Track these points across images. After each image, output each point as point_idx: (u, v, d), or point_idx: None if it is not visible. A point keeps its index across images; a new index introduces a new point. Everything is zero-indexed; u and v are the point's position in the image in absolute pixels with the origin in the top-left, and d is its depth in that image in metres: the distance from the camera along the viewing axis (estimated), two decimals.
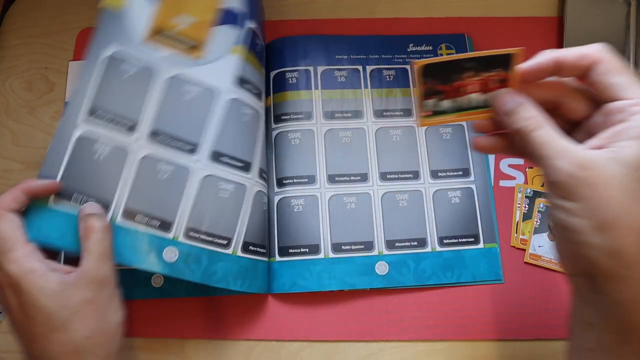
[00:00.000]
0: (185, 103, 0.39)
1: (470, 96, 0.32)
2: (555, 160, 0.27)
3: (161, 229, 0.39)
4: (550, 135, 0.28)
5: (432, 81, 0.31)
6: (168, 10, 0.39)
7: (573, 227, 0.27)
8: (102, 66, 0.39)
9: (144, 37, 0.39)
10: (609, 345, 0.28)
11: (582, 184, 0.26)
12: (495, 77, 0.31)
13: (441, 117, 0.32)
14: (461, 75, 0.31)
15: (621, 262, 0.26)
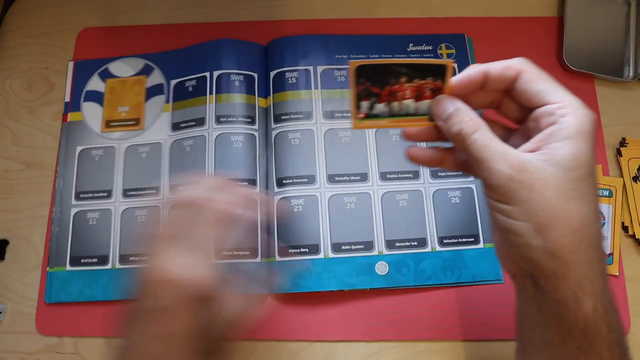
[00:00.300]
0: (142, 160, 0.51)
1: (405, 102, 0.32)
2: (494, 163, 0.28)
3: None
4: (489, 138, 0.29)
5: (367, 83, 0.31)
6: (111, 107, 0.53)
7: (514, 229, 0.28)
8: (76, 160, 0.51)
9: (101, 129, 0.52)
10: (555, 342, 0.29)
11: (521, 186, 0.27)
12: (429, 86, 0.31)
13: (375, 120, 0.33)
14: (396, 80, 0.31)
15: (560, 262, 0.27)
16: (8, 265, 0.49)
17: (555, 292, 0.28)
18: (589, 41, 0.54)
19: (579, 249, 0.27)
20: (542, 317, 0.30)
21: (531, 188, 0.27)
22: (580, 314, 0.28)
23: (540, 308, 0.30)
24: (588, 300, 0.28)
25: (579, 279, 0.28)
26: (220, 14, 0.57)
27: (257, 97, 0.51)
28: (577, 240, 0.27)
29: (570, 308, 0.28)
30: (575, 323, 0.28)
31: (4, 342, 0.46)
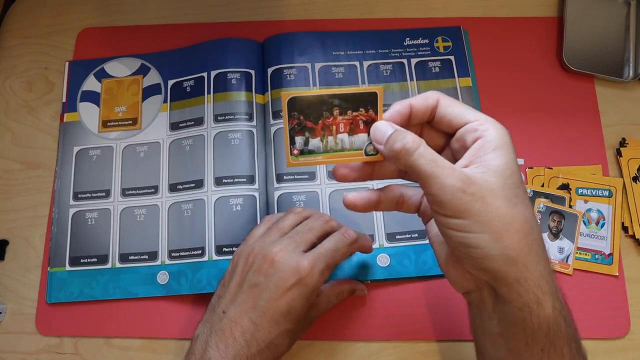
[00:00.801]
0: (140, 160, 0.50)
1: (339, 137, 0.32)
2: (445, 178, 0.28)
3: None
4: (433, 153, 0.29)
5: (300, 117, 0.31)
6: (108, 107, 0.53)
7: (471, 242, 0.28)
8: (74, 161, 0.51)
9: (98, 129, 0.52)
10: (519, 350, 0.30)
11: (473, 198, 0.28)
12: (362, 118, 0.31)
13: (310, 157, 0.32)
14: (329, 113, 0.31)
15: (519, 266, 0.28)
16: (8, 265, 0.49)
17: (518, 298, 0.28)
18: (589, 41, 0.54)
19: (533, 251, 0.28)
20: (504, 328, 0.30)
21: (483, 199, 0.28)
22: (543, 315, 0.29)
23: (501, 319, 0.30)
24: (548, 300, 0.29)
25: (538, 280, 0.28)
26: (220, 15, 0.57)
27: (255, 94, 0.51)
28: (529, 242, 0.28)
29: (533, 311, 0.29)
30: (539, 326, 0.29)
31: (4, 342, 0.46)
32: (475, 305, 0.32)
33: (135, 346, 0.46)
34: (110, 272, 0.47)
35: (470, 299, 0.32)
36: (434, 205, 0.29)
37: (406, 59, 0.53)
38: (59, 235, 0.48)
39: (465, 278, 0.31)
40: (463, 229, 0.28)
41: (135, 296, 0.46)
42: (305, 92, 0.31)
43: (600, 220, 0.47)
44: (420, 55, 0.53)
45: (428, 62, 0.52)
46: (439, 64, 0.52)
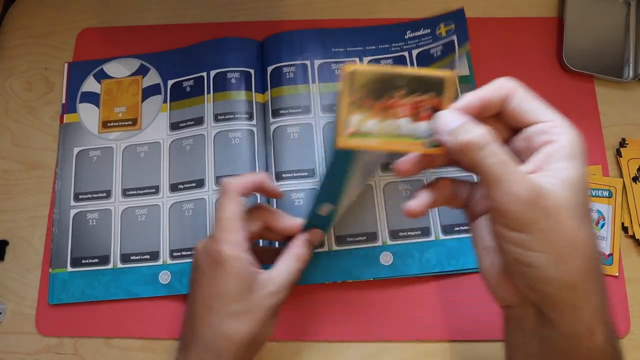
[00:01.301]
0: (141, 160, 0.51)
1: (399, 121, 0.28)
2: (513, 186, 0.24)
3: None
4: (505, 154, 0.25)
5: (360, 93, 0.28)
6: (107, 108, 0.53)
7: (530, 261, 0.25)
8: (74, 162, 0.51)
9: (98, 130, 0.52)
10: None
11: (542, 214, 0.24)
12: (427, 104, 0.28)
13: (365, 139, 0.28)
14: (393, 93, 0.28)
15: (578, 294, 0.25)
16: (8, 265, 0.49)
17: (569, 325, 0.26)
18: (588, 42, 0.54)
19: (593, 278, 0.26)
20: (547, 351, 0.28)
21: (551, 216, 0.24)
22: (594, 347, 0.26)
23: (544, 342, 0.27)
24: (601, 331, 0.26)
25: (594, 310, 0.26)
26: (220, 15, 0.57)
27: (254, 93, 0.51)
28: (591, 269, 0.25)
29: (584, 342, 0.26)
30: (587, 356, 0.26)
31: (4, 342, 0.46)
32: (515, 321, 0.29)
33: (135, 346, 0.46)
34: (111, 272, 0.47)
35: (509, 314, 0.29)
36: (495, 213, 0.26)
37: (407, 52, 0.53)
38: (60, 236, 0.48)
39: (510, 292, 0.28)
40: (524, 245, 0.25)
41: (137, 296, 0.46)
42: (370, 66, 0.28)
43: (600, 220, 0.47)
44: (421, 45, 0.52)
45: (429, 50, 0.52)
46: (441, 47, 0.52)
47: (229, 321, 0.33)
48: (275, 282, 0.35)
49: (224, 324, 0.33)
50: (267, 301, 0.34)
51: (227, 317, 0.33)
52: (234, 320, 0.33)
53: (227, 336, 0.33)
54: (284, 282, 0.35)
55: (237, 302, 0.33)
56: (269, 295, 0.34)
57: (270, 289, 0.34)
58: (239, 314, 0.33)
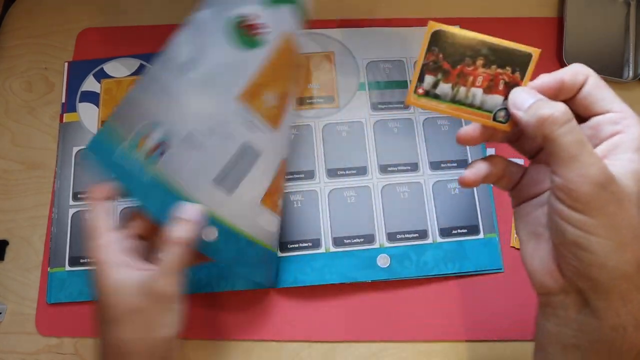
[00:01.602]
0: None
1: (473, 90, 0.28)
2: (587, 166, 0.24)
3: None
4: (583, 135, 0.25)
5: (439, 55, 0.28)
6: (107, 107, 0.52)
7: (588, 246, 0.25)
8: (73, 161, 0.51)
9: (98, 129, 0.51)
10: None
11: (611, 198, 0.24)
12: (504, 78, 0.28)
13: (434, 101, 0.29)
14: (472, 61, 0.28)
15: (631, 285, 0.25)
16: (8, 265, 0.49)
17: (615, 317, 0.25)
18: (588, 42, 0.54)
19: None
20: (585, 342, 0.27)
21: (619, 202, 0.24)
22: (638, 340, 0.26)
23: (584, 332, 0.27)
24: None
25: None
26: None
27: None
28: (638, 264, 0.25)
29: (628, 335, 0.26)
30: (629, 350, 0.26)
31: (4, 342, 0.46)
32: (552, 309, 0.28)
33: None
34: None
35: (547, 301, 0.29)
36: (561, 193, 0.25)
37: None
38: (58, 235, 0.48)
39: (553, 278, 0.27)
40: (586, 228, 0.24)
41: None
42: (456, 29, 0.27)
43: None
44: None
45: None
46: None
47: (109, 328, 0.33)
48: (146, 279, 0.33)
49: (107, 333, 0.33)
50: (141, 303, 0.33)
51: (108, 323, 0.33)
52: (113, 326, 0.33)
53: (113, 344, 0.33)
54: (159, 279, 0.33)
55: (111, 307, 0.33)
56: (141, 296, 0.33)
57: (141, 289, 0.33)
58: (115, 320, 0.33)
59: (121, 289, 0.33)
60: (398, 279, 0.45)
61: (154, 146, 0.34)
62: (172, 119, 0.34)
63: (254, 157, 0.37)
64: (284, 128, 0.39)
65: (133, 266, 0.34)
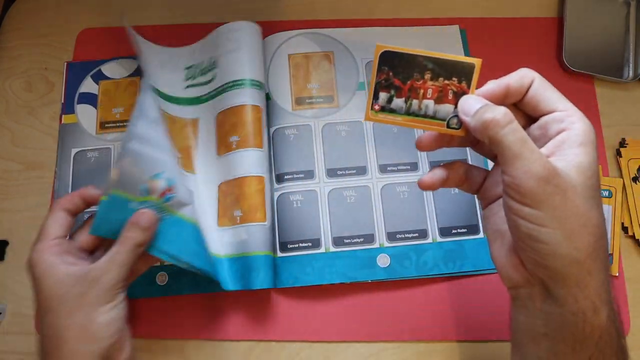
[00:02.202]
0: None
1: (425, 102, 0.31)
2: (530, 163, 0.26)
3: None
4: (525, 134, 0.27)
5: (389, 72, 0.30)
6: (105, 108, 0.53)
7: (541, 237, 0.27)
8: (71, 163, 0.51)
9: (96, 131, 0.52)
10: (564, 354, 0.29)
11: (555, 191, 0.26)
12: (453, 88, 0.30)
13: (390, 115, 0.31)
14: (420, 75, 0.30)
15: (584, 270, 0.27)
16: (8, 265, 0.49)
17: (574, 303, 0.27)
18: (588, 42, 0.54)
19: (599, 257, 0.27)
20: (552, 330, 0.29)
21: (564, 194, 0.26)
22: (597, 324, 0.27)
23: (549, 320, 0.29)
24: (604, 309, 0.27)
25: (598, 288, 0.27)
26: (220, 15, 0.57)
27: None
28: (598, 247, 0.27)
29: (587, 319, 0.27)
30: (591, 334, 0.28)
31: (4, 342, 0.46)
32: (522, 302, 0.30)
33: (135, 346, 0.46)
34: None
35: (516, 294, 0.31)
36: (510, 190, 0.27)
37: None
38: None
39: (518, 272, 0.30)
40: (536, 221, 0.26)
41: (135, 297, 0.46)
42: (401, 48, 0.30)
43: None
44: None
45: None
46: None
47: (48, 318, 0.34)
48: (89, 268, 0.35)
49: (45, 324, 0.34)
50: (81, 290, 0.34)
51: (46, 314, 0.34)
52: (51, 316, 0.34)
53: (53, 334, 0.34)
54: (103, 268, 0.35)
55: (49, 298, 0.34)
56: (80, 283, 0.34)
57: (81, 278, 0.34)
58: (54, 309, 0.34)
59: (57, 278, 0.34)
60: (398, 279, 0.45)
61: (164, 191, 0.38)
62: (167, 166, 0.39)
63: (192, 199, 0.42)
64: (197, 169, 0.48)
65: (73, 263, 0.35)
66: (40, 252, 0.35)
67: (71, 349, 0.33)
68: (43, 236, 0.36)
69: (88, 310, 0.34)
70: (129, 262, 0.35)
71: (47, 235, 0.36)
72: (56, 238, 0.36)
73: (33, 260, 0.35)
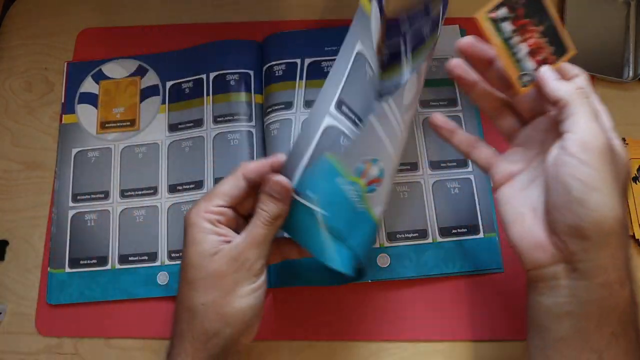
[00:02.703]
0: (139, 161, 0.50)
1: (521, 45, 0.33)
2: (603, 126, 0.30)
3: None
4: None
5: (519, 4, 0.33)
6: (106, 108, 0.53)
7: (591, 202, 0.28)
8: (72, 162, 0.51)
9: (96, 131, 0.52)
10: (587, 331, 0.29)
11: (612, 158, 0.29)
12: (546, 54, 0.33)
13: (494, 31, 0.33)
14: (536, 22, 0.33)
15: (619, 241, 0.28)
16: (8, 265, 0.49)
17: (604, 274, 0.28)
18: (588, 42, 0.54)
19: (626, 232, 0.29)
20: (576, 306, 0.29)
21: (616, 164, 0.29)
22: (622, 297, 0.28)
23: (574, 296, 0.29)
24: (628, 282, 0.29)
25: (626, 261, 0.29)
26: (219, 15, 0.57)
27: (254, 94, 0.51)
28: (626, 223, 0.29)
29: (614, 291, 0.28)
30: (615, 307, 0.28)
31: (4, 342, 0.47)
32: (544, 282, 0.31)
33: (135, 346, 0.46)
34: (110, 273, 0.47)
35: (538, 275, 0.31)
36: (575, 146, 0.29)
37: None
38: (58, 236, 0.48)
39: (543, 251, 0.30)
40: (592, 182, 0.28)
41: (136, 297, 0.46)
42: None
43: None
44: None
45: None
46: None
47: (186, 289, 0.33)
48: (232, 246, 0.33)
49: (183, 293, 0.34)
50: (222, 268, 0.32)
51: (186, 284, 0.33)
52: (189, 288, 0.33)
53: (188, 307, 0.33)
54: (242, 246, 0.33)
55: (192, 269, 0.33)
56: (224, 262, 0.32)
57: (225, 256, 0.33)
58: (193, 282, 0.33)
59: (202, 249, 0.33)
60: (398, 279, 0.45)
61: (373, 179, 0.36)
62: (384, 158, 0.37)
63: None
64: None
65: (223, 234, 0.33)
66: (202, 215, 0.33)
67: (202, 327, 0.32)
68: (213, 196, 0.34)
69: (227, 290, 0.32)
70: (266, 238, 0.33)
71: (217, 195, 0.34)
72: (222, 205, 0.34)
73: (191, 219, 0.33)
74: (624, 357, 0.29)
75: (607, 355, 0.29)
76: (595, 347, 0.29)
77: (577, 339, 0.30)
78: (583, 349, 0.29)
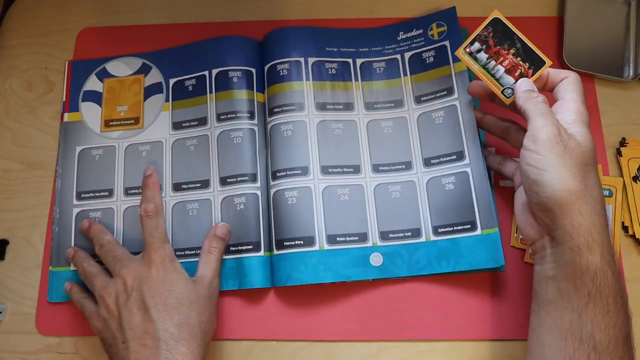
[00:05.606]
0: (143, 159, 0.51)
1: (498, 67, 0.42)
2: (549, 120, 0.37)
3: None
4: (549, 107, 0.38)
5: (491, 33, 0.42)
6: (110, 106, 0.53)
7: (542, 180, 0.35)
8: (76, 161, 0.51)
9: (101, 129, 0.52)
10: (568, 292, 0.34)
11: (559, 142, 0.36)
12: (522, 69, 0.41)
13: (472, 62, 0.43)
14: (507, 48, 0.42)
15: (574, 209, 0.34)
16: (8, 265, 0.49)
17: (570, 239, 0.34)
18: (589, 41, 0.54)
19: (589, 202, 0.35)
20: (557, 271, 0.35)
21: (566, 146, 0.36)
22: (591, 260, 0.34)
23: (555, 261, 0.35)
24: (597, 248, 0.34)
25: (590, 227, 0.34)
26: (220, 14, 0.57)
27: (256, 92, 0.51)
28: (587, 194, 0.35)
29: (583, 254, 0.34)
30: (587, 268, 0.34)
31: (4, 342, 0.46)
32: (538, 253, 0.38)
33: None
34: None
35: (534, 248, 0.38)
36: (528, 140, 0.37)
37: (399, 55, 0.52)
38: (61, 235, 0.48)
39: (533, 228, 0.38)
40: (541, 165, 0.35)
41: None
42: (510, 24, 0.42)
43: None
44: (414, 47, 0.52)
45: (422, 54, 0.52)
46: (433, 52, 0.51)
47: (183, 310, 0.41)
48: (203, 275, 0.44)
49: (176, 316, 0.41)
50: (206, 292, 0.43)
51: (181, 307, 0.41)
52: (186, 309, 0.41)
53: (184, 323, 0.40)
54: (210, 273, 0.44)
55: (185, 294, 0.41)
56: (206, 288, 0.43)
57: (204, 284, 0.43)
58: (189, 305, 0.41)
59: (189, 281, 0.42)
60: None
61: None
62: None
63: None
64: None
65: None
66: (173, 256, 0.44)
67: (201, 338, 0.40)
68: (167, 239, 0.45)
69: (211, 309, 0.42)
70: (220, 268, 0.45)
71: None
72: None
73: (173, 257, 0.43)
74: (602, 318, 0.33)
75: (585, 314, 0.33)
76: (575, 306, 0.34)
77: (561, 300, 0.35)
78: (565, 309, 0.34)
